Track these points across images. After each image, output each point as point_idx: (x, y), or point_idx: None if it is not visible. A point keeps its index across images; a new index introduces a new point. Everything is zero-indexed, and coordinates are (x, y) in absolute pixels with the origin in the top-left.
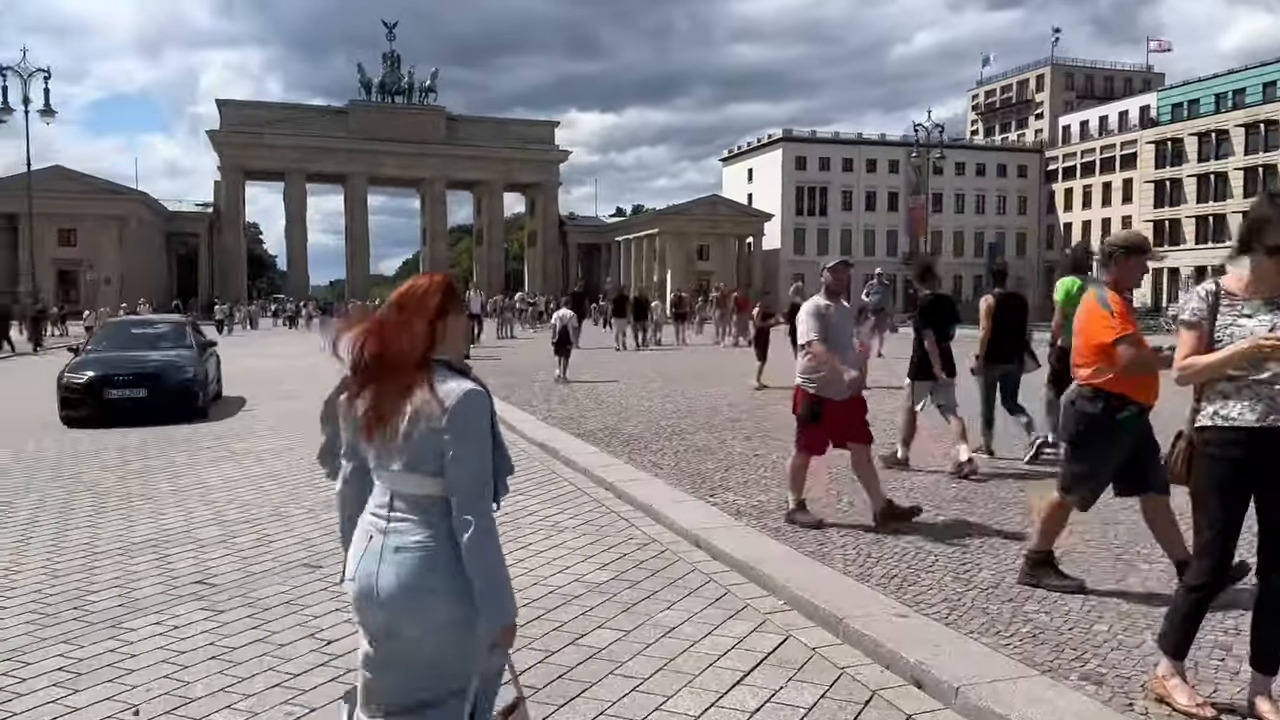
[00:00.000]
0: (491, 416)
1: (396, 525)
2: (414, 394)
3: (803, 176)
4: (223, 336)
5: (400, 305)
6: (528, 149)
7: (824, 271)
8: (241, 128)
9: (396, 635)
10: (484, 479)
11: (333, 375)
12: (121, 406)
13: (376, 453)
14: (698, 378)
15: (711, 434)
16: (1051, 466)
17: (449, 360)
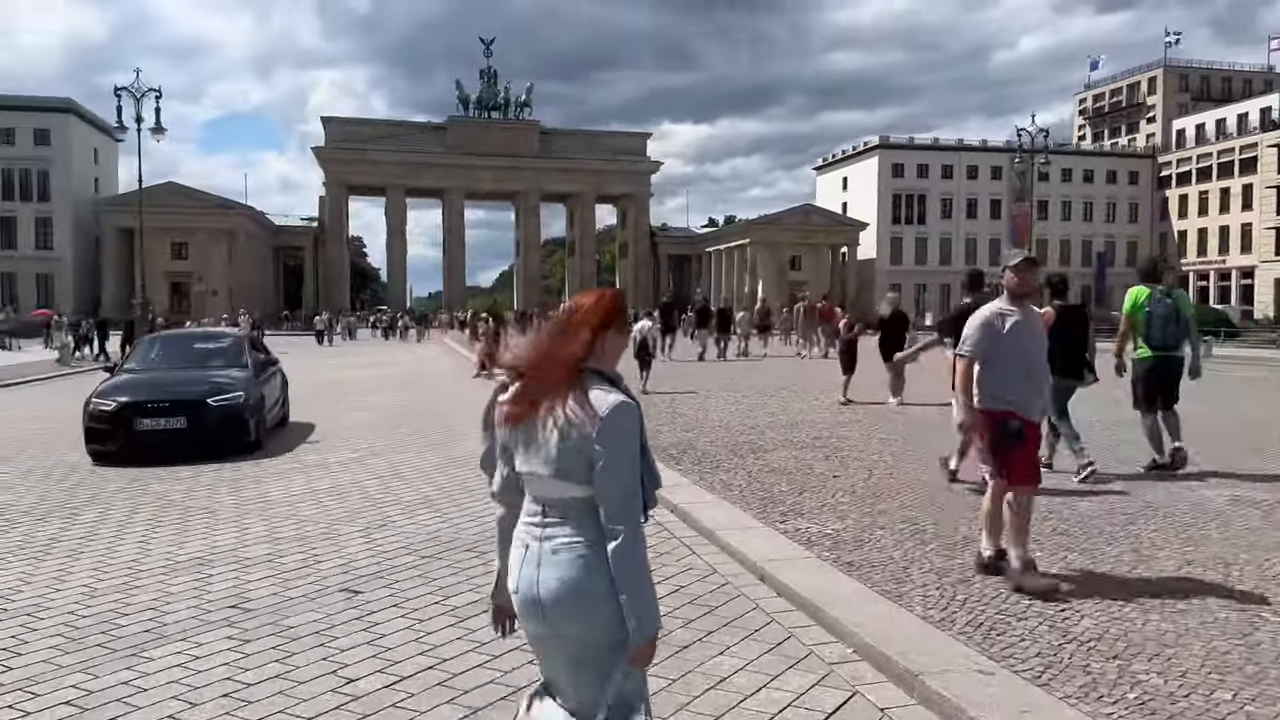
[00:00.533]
0: (641, 429)
1: (551, 531)
2: (566, 400)
3: (900, 184)
4: (321, 347)
5: (569, 315)
6: (619, 161)
7: (1005, 270)
8: (345, 144)
9: (562, 635)
10: (632, 489)
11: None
12: (156, 439)
13: (526, 459)
14: (780, 391)
15: (789, 452)
16: (1102, 488)
17: (604, 372)
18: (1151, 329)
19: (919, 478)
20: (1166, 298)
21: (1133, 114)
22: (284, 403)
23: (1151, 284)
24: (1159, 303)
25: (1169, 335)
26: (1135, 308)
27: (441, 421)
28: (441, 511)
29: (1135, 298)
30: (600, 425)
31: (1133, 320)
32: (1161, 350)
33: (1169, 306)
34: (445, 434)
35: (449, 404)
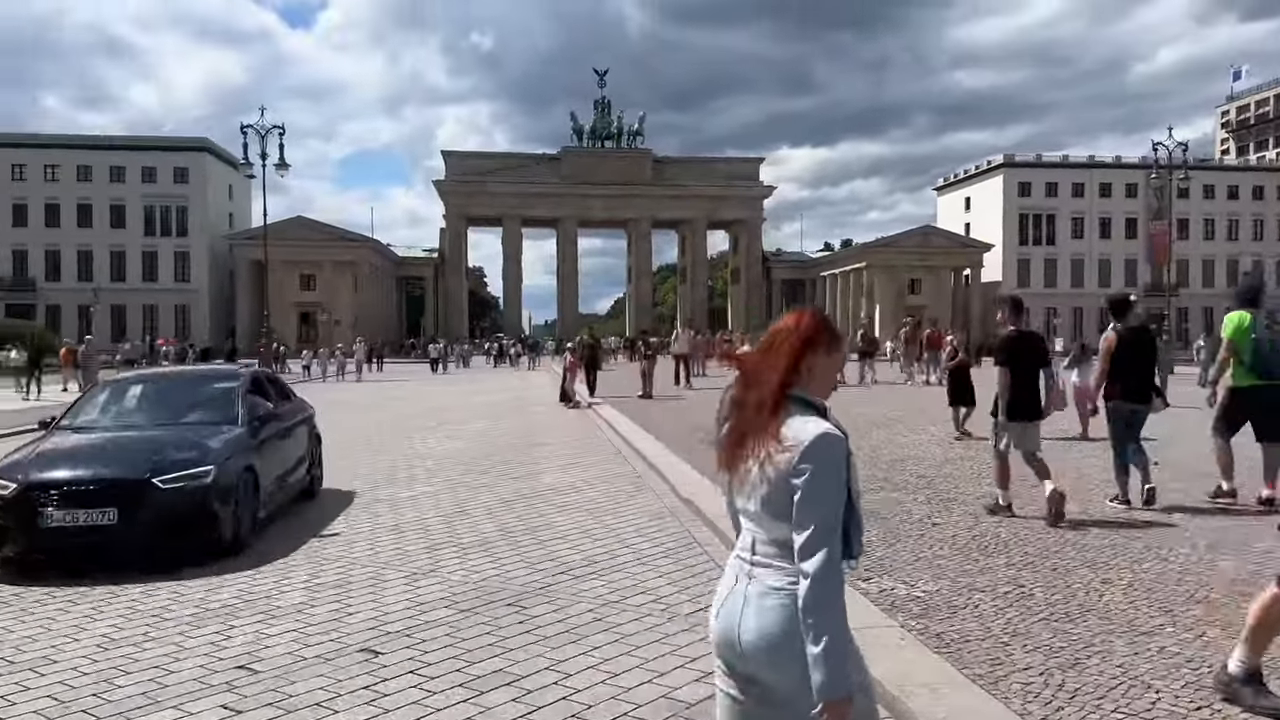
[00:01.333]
0: (849, 465)
1: (758, 570)
2: (770, 431)
3: (1026, 203)
4: (435, 374)
5: (769, 340)
6: (732, 186)
7: None
8: (464, 177)
9: (756, 680)
10: (831, 528)
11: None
12: (71, 542)
13: (736, 491)
14: (890, 423)
15: (887, 493)
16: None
17: (811, 400)
18: (1259, 356)
19: (1032, 528)
20: (1274, 324)
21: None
22: (311, 465)
23: (1253, 309)
24: (1266, 330)
25: (1274, 363)
26: (1240, 333)
27: (528, 453)
28: (496, 555)
29: (1239, 322)
30: (800, 456)
31: (1237, 347)
32: (1268, 380)
33: (1276, 333)
34: (529, 466)
35: (541, 434)
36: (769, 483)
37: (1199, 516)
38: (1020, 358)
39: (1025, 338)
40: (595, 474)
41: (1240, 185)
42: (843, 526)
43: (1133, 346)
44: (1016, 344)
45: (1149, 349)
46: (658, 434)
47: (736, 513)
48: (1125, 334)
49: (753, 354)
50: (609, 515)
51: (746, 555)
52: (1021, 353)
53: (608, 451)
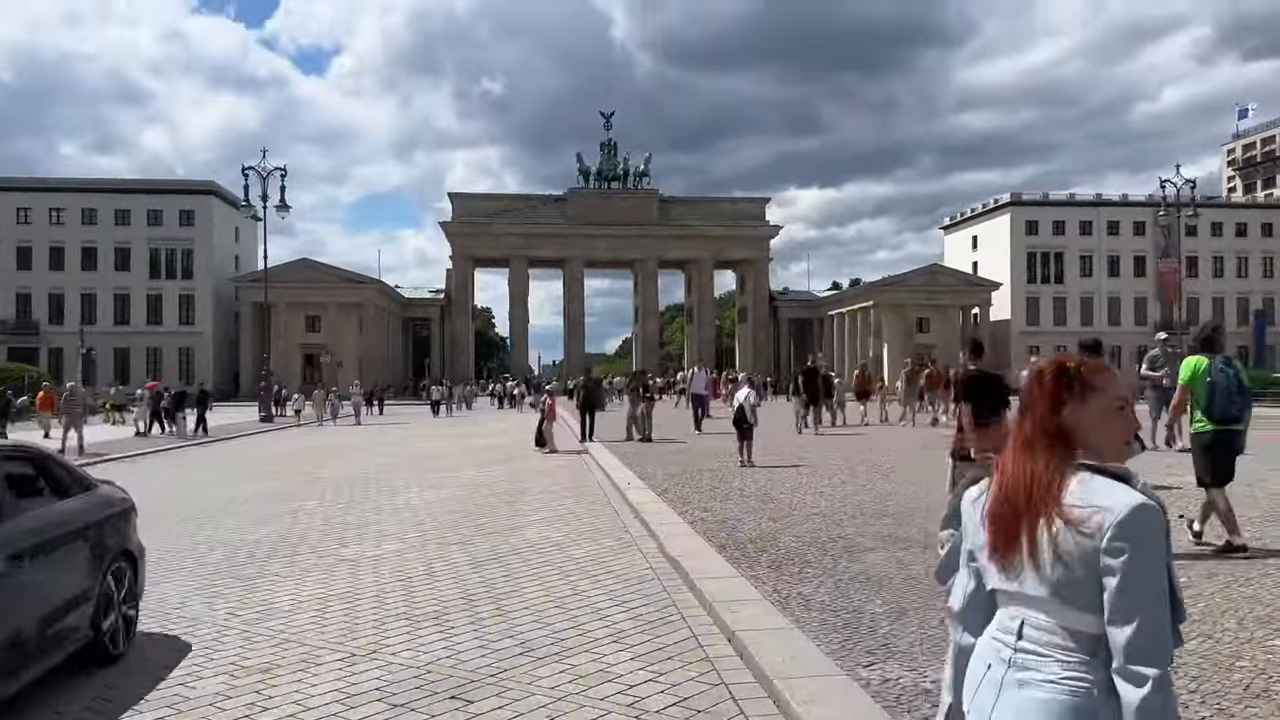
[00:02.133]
0: (1167, 540)
1: (1025, 658)
2: (1058, 503)
3: (1034, 241)
4: (436, 418)
5: (1026, 399)
6: (738, 226)
7: None
8: (470, 218)
9: None
10: (1163, 622)
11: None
12: None
13: (1008, 574)
14: (900, 468)
15: (892, 552)
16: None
17: (1105, 467)
18: (1215, 401)
19: None
20: (1229, 368)
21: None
22: (109, 607)
23: (1210, 354)
24: (1222, 373)
25: (1233, 408)
26: (1195, 378)
27: (514, 503)
28: (451, 631)
29: (1196, 367)
30: (1110, 534)
31: (1193, 391)
32: (1224, 424)
33: (1233, 378)
34: (512, 519)
35: (531, 481)
36: (1063, 563)
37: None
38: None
39: (984, 378)
40: (580, 528)
41: (1249, 222)
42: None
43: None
44: (975, 383)
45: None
46: (652, 482)
47: (963, 576)
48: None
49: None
50: (586, 579)
51: (1009, 640)
52: (981, 392)
53: (598, 502)
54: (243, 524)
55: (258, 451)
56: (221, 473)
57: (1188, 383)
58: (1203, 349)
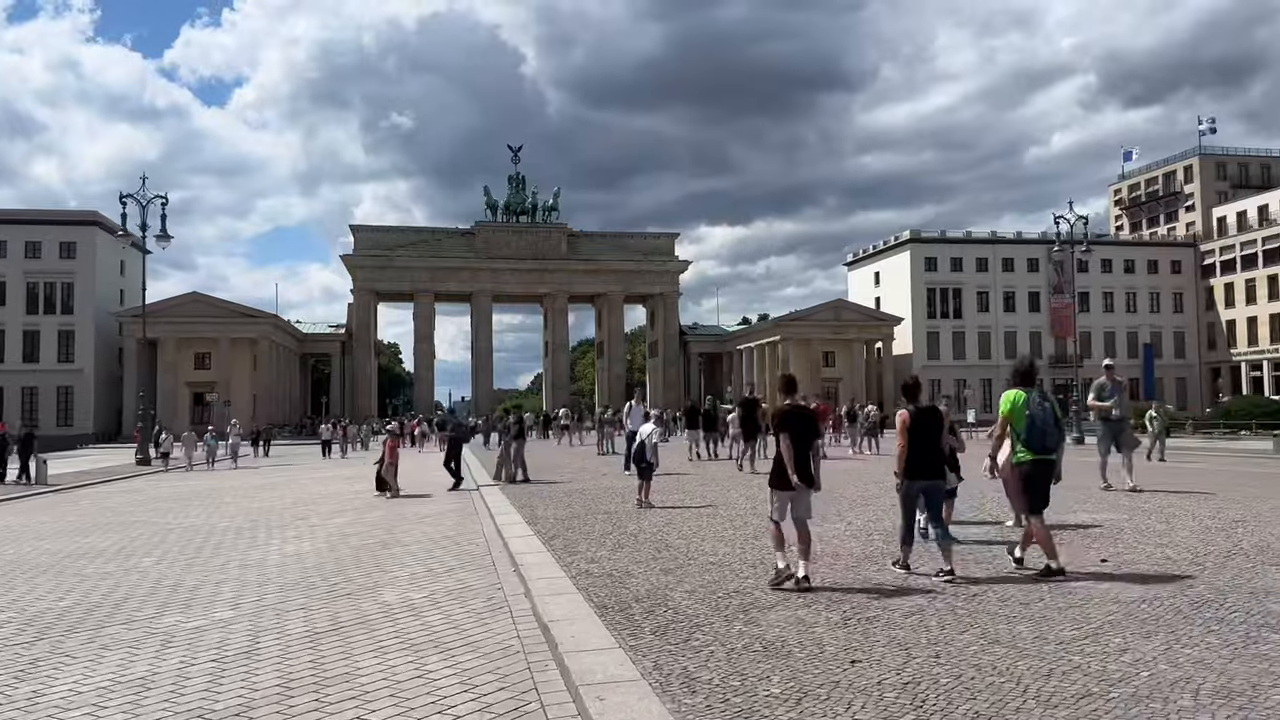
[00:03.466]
0: None
1: None
2: None
3: (933, 278)
4: (327, 459)
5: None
6: (648, 261)
7: None
8: (373, 251)
9: None
10: None
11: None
12: None
13: None
14: None
15: (795, 610)
16: None
17: None
18: (1033, 433)
19: (990, 661)
20: (1045, 401)
21: (1170, 203)
22: None
23: (1027, 387)
24: (1039, 405)
25: (1049, 439)
26: (1014, 410)
27: (381, 556)
28: None
29: (1014, 400)
30: None
31: (1012, 423)
32: (1043, 454)
33: (1048, 410)
34: (373, 577)
35: (408, 530)
36: None
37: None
38: (795, 429)
39: (798, 412)
40: (448, 586)
41: (1136, 259)
42: None
43: (922, 425)
44: (789, 416)
45: (935, 428)
46: (541, 527)
47: None
48: (915, 414)
49: None
50: (438, 655)
51: None
52: (795, 425)
53: (476, 553)
54: (59, 587)
55: (116, 500)
56: (63, 525)
57: (1007, 414)
58: (1020, 383)
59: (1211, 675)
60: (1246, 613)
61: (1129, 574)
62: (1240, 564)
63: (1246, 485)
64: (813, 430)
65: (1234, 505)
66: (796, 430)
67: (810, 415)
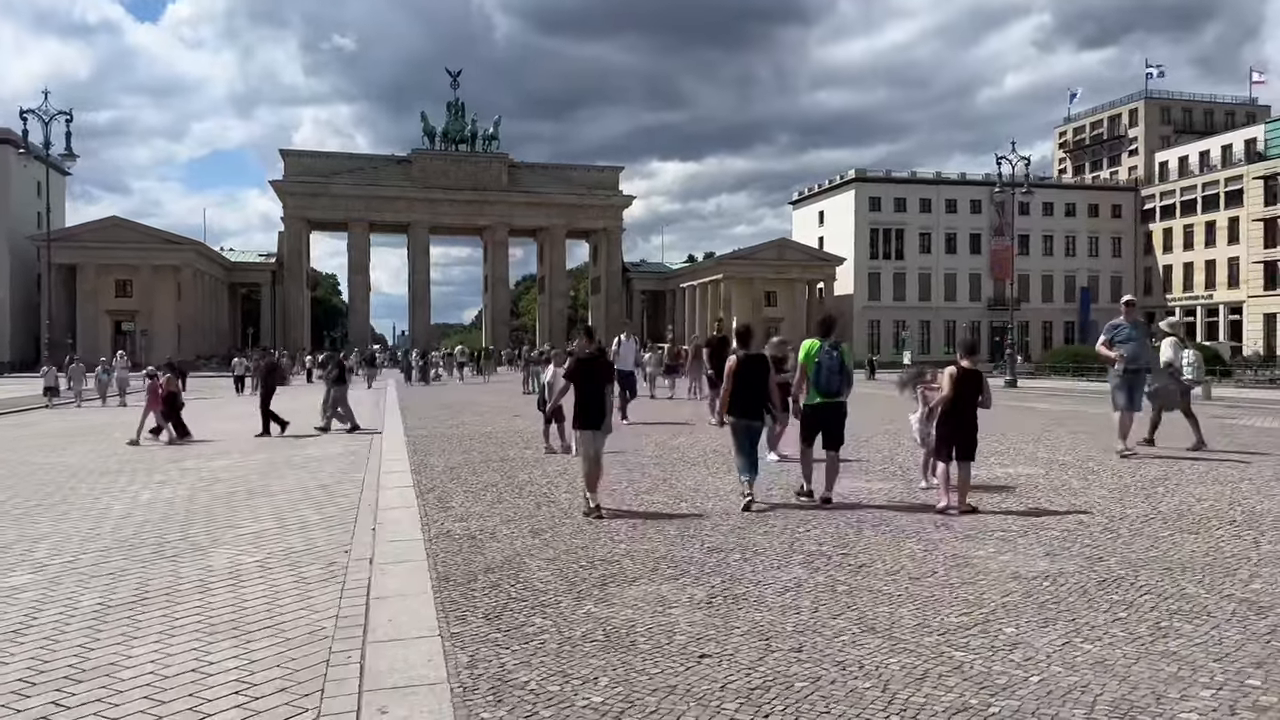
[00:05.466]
0: None
1: None
2: None
3: (877, 218)
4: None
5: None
6: (591, 195)
7: None
8: (305, 178)
9: None
10: None
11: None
12: None
13: None
14: (709, 457)
15: (657, 585)
16: None
17: None
18: (820, 378)
19: (859, 657)
20: (834, 350)
21: (1114, 147)
22: None
23: (825, 337)
24: (827, 354)
25: (833, 384)
26: (808, 358)
27: (240, 507)
28: None
29: (808, 349)
30: None
31: (805, 369)
32: (826, 396)
33: (835, 359)
34: (211, 534)
35: (280, 478)
36: None
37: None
38: (584, 376)
39: (592, 360)
40: (290, 547)
41: (1077, 203)
42: None
43: (748, 371)
44: (581, 364)
45: (761, 373)
46: (427, 476)
47: None
48: (742, 360)
49: None
50: (233, 639)
51: None
52: (587, 372)
53: (343, 506)
54: None
55: (2, 434)
56: None
57: (803, 361)
58: (819, 333)
59: (1112, 682)
60: (1158, 595)
61: (1036, 541)
62: (1157, 530)
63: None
64: (606, 376)
65: (1154, 460)
66: (588, 377)
67: (606, 363)
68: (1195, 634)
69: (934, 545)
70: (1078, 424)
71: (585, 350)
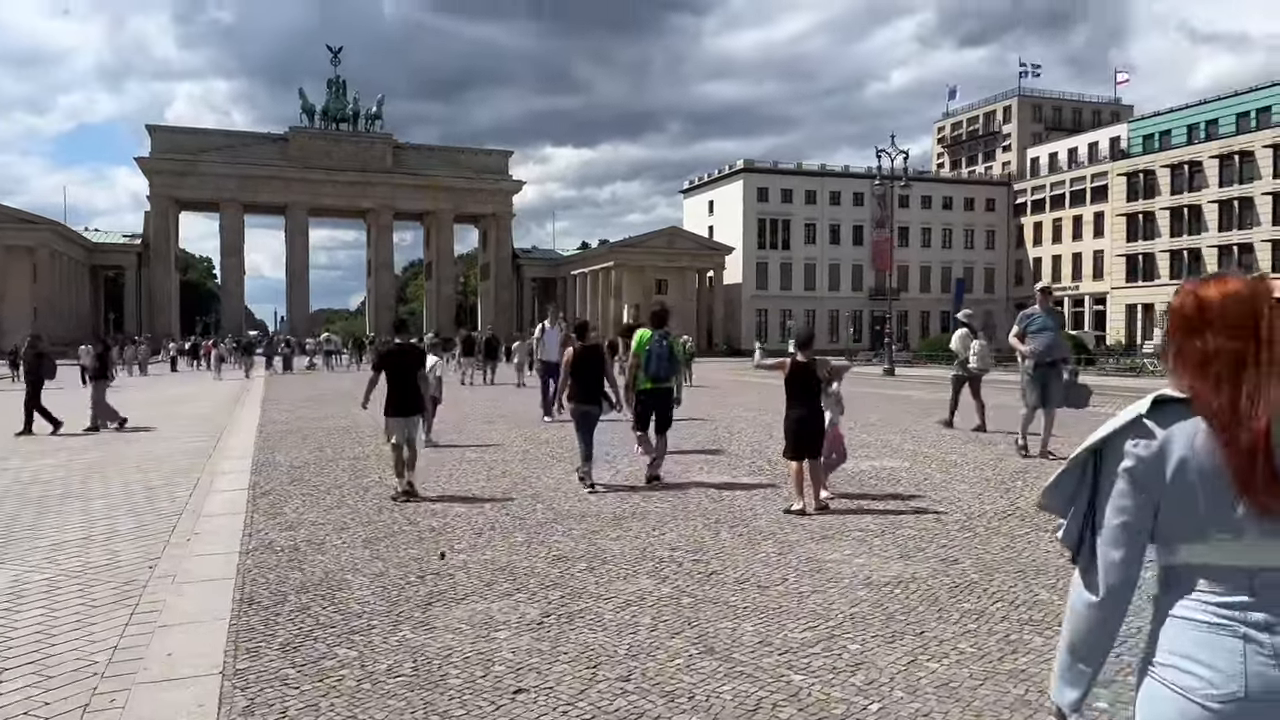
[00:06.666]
0: None
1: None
2: None
3: (765, 209)
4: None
5: None
6: (480, 179)
7: None
8: (174, 155)
9: None
10: None
11: None
12: None
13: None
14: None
15: (488, 604)
16: None
17: None
18: (650, 365)
19: (690, 685)
20: (664, 340)
21: (989, 142)
22: None
23: (657, 328)
24: (658, 343)
25: (662, 370)
26: (639, 346)
27: (41, 514)
28: None
29: (641, 339)
30: None
31: (639, 357)
32: (655, 382)
33: (665, 348)
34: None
35: (105, 476)
36: None
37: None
38: (393, 366)
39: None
40: (90, 561)
41: (954, 197)
42: None
43: (584, 361)
44: (390, 355)
45: (597, 363)
46: (268, 474)
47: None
48: (580, 351)
49: None
50: None
51: (1251, 601)
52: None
53: (166, 511)
54: None
55: None
56: None
57: (635, 350)
58: (652, 324)
59: (955, 709)
60: (1010, 603)
61: (892, 542)
62: (1014, 529)
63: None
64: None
65: (1014, 453)
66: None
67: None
68: (1045, 648)
69: (789, 547)
70: (945, 412)
71: (395, 343)
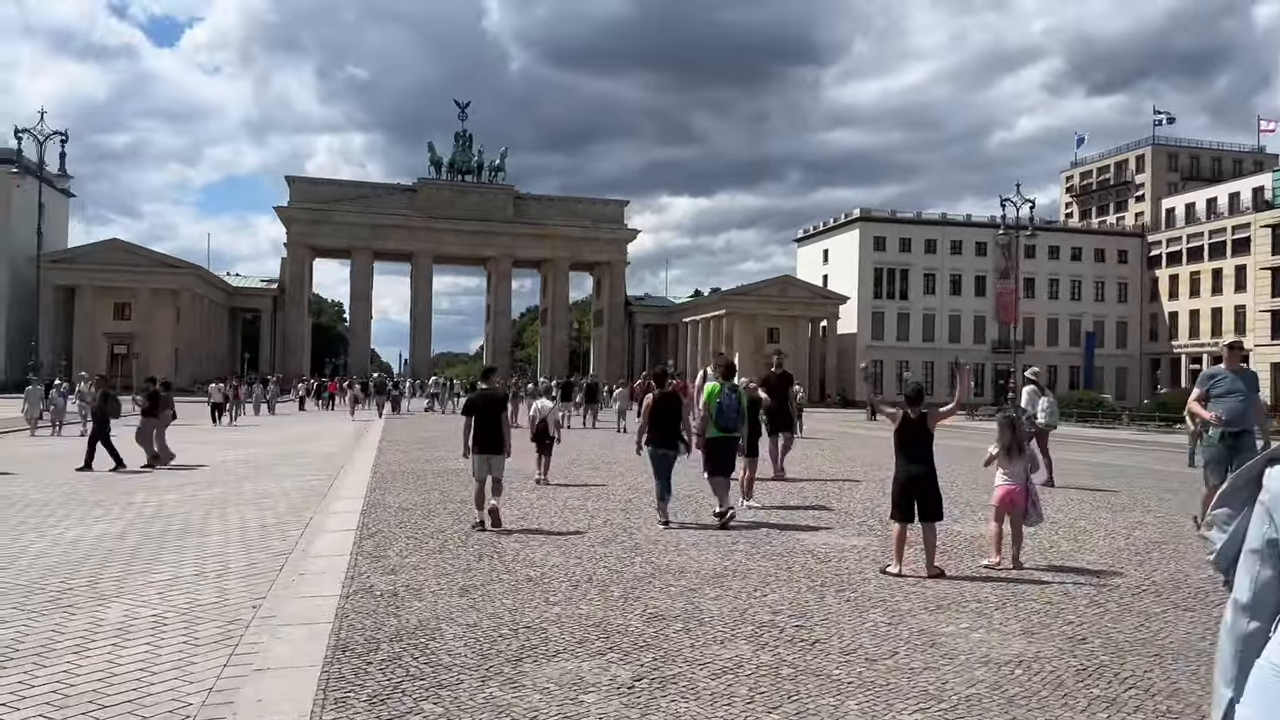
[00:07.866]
0: None
1: None
2: None
3: (881, 258)
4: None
5: None
6: (596, 228)
7: None
8: (309, 205)
9: None
10: None
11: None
12: None
13: None
14: (684, 498)
15: (578, 663)
16: None
17: None
18: (719, 416)
19: None
20: (733, 392)
21: (1121, 192)
22: None
23: (725, 381)
24: (727, 396)
25: (730, 421)
26: (710, 398)
27: (161, 550)
28: None
29: (711, 391)
30: None
31: (709, 407)
32: (724, 432)
33: (734, 400)
34: (113, 584)
35: (224, 515)
36: None
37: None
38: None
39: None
40: (199, 599)
41: (1083, 247)
42: None
43: (662, 407)
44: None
45: (675, 409)
46: (377, 515)
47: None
48: (659, 398)
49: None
50: (80, 715)
51: None
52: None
53: (277, 550)
54: None
55: None
56: None
57: (707, 402)
58: (722, 376)
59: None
60: (1145, 690)
61: (1014, 615)
62: (1148, 606)
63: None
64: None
65: (1151, 520)
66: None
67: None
68: None
69: (900, 617)
70: (1069, 475)
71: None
